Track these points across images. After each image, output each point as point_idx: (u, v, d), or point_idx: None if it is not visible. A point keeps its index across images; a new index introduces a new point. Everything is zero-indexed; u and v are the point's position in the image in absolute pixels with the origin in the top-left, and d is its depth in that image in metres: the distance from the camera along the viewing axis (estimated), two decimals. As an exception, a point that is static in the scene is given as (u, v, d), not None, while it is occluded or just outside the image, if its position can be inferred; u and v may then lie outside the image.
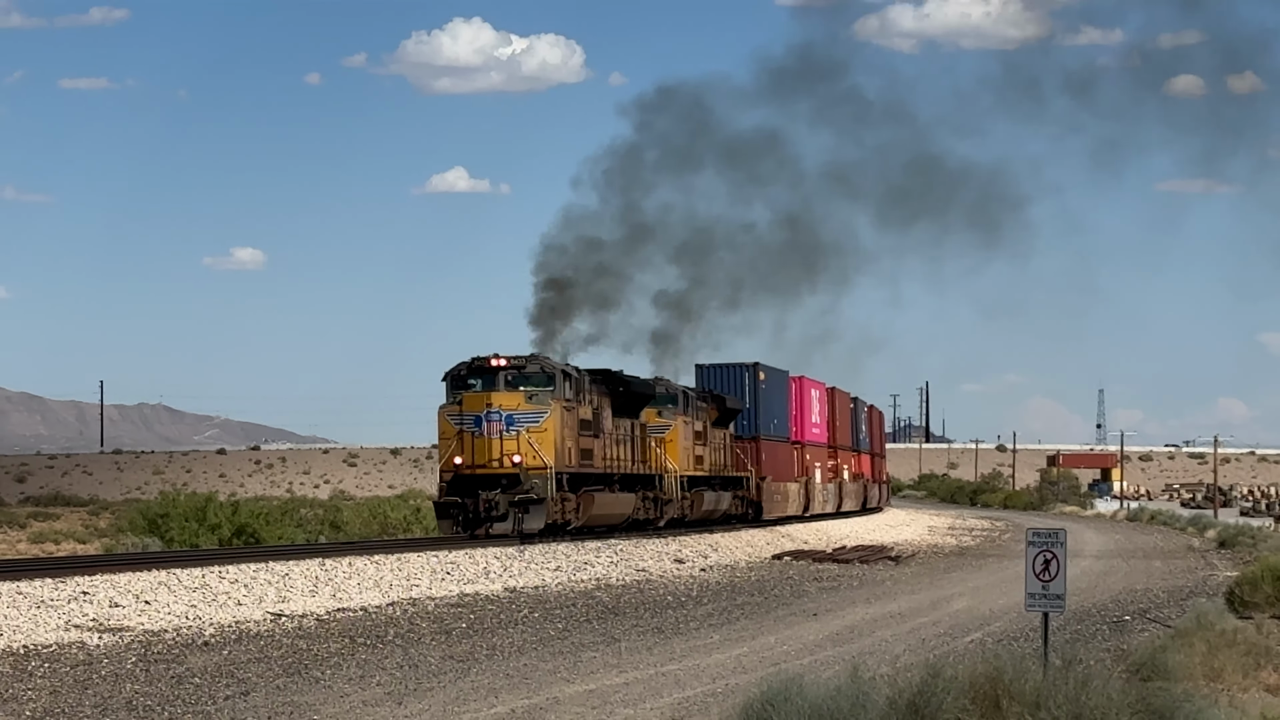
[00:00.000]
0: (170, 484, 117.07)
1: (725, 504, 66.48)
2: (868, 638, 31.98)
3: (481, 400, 49.81)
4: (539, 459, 49.12)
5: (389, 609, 35.83)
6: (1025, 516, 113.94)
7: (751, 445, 70.35)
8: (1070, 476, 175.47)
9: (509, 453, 49.08)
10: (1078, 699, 13.49)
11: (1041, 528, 20.34)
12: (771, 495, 71.70)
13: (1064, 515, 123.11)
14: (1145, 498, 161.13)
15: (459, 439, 49.85)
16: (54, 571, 36.12)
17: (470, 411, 49.82)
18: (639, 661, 27.88)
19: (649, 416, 60.03)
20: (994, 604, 39.86)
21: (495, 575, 43.30)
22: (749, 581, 47.91)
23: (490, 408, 49.54)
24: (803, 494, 77.99)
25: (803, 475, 78.43)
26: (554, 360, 52.89)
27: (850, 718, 13.89)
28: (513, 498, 48.92)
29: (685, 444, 61.71)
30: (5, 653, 26.86)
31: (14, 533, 71.81)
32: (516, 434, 49.27)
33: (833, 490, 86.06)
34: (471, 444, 49.57)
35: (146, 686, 24.03)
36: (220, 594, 34.89)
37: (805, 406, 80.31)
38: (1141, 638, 31.12)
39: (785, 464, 75.28)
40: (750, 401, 71.14)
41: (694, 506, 62.56)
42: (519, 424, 49.37)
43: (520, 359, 50.86)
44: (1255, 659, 27.11)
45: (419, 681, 25.00)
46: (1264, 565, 42.86)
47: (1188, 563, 61.10)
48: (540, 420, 49.53)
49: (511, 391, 49.98)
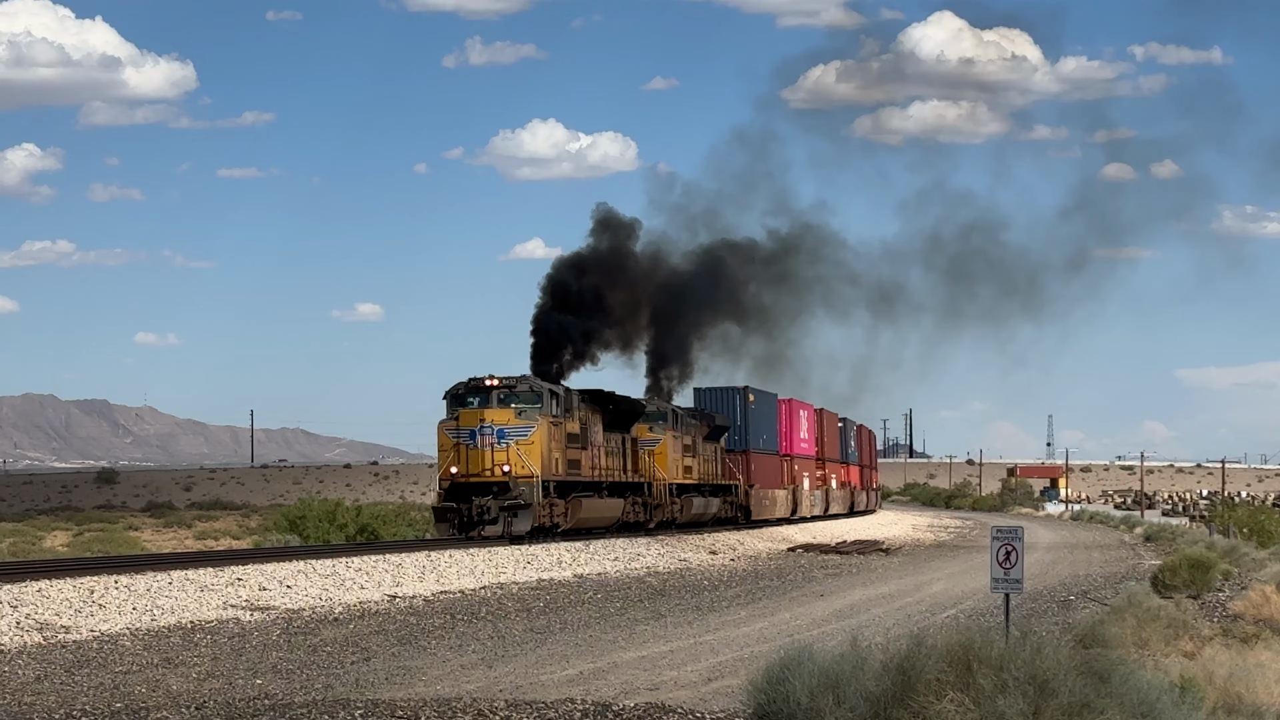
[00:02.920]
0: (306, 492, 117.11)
1: (714, 508, 64.23)
2: (864, 614, 31.92)
3: (476, 416, 46.54)
4: (527, 468, 45.99)
5: (481, 591, 35.87)
6: (990, 517, 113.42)
7: (742, 457, 68.04)
8: (1025, 485, 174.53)
9: (499, 463, 45.88)
10: (1033, 663, 13.43)
11: (1003, 526, 20.28)
12: (760, 500, 69.53)
13: (1021, 516, 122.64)
14: (1086, 502, 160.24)
15: (455, 450, 46.59)
16: (214, 562, 36.25)
17: (466, 426, 46.54)
18: (681, 633, 27.86)
19: (640, 431, 57.33)
20: (965, 586, 39.76)
21: (566, 565, 43.26)
22: (769, 569, 47.84)
23: (483, 423, 46.30)
24: (790, 499, 75.85)
25: (790, 483, 76.21)
26: (542, 381, 49.47)
27: (851, 678, 13.84)
28: (503, 503, 45.69)
29: (674, 455, 59.21)
30: (176, 627, 26.97)
31: (182, 531, 71.98)
32: (507, 446, 46.00)
33: (820, 496, 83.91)
34: (466, 455, 46.33)
35: (288, 654, 24.08)
36: (347, 580, 34.98)
37: (794, 424, 78.04)
38: (1083, 614, 30.99)
39: (773, 473, 73.12)
40: (740, 419, 68.57)
41: (683, 510, 60.23)
42: (509, 437, 46.12)
43: (511, 379, 47.70)
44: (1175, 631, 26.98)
45: (505, 650, 25.00)
46: (1181, 555, 42.68)
47: (1120, 554, 60.90)
48: (528, 434, 46.32)
49: (503, 408, 46.71)
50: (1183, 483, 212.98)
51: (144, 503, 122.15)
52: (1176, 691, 15.11)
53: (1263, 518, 75.36)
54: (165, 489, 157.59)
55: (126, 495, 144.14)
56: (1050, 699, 13.14)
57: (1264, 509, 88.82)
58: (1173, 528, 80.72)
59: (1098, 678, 13.60)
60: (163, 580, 31.44)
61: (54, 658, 22.86)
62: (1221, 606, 34.08)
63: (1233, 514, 79.34)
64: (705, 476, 62.93)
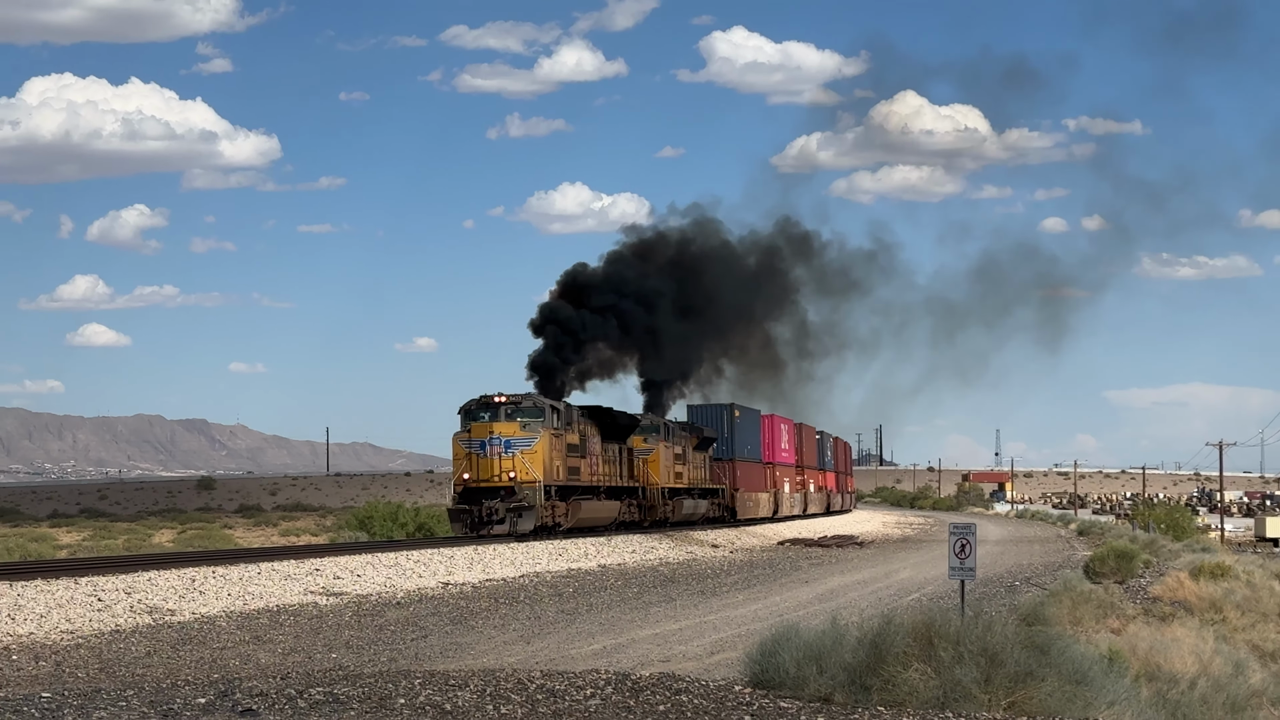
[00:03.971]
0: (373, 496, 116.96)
1: (703, 509, 62.83)
2: (842, 597, 31.86)
3: (485, 428, 44.74)
4: (530, 475, 44.42)
5: (520, 579, 35.84)
6: (948, 515, 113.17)
7: (729, 465, 66.71)
8: (977, 488, 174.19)
9: (506, 470, 44.30)
10: (984, 638, 13.41)
11: (958, 523, 20.26)
12: (745, 502, 68.23)
13: (974, 514, 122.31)
14: (1028, 502, 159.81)
15: (468, 459, 44.87)
16: (296, 556, 36.27)
17: (477, 438, 44.73)
18: (688, 614, 27.82)
19: (636, 442, 55.45)
20: (927, 574, 39.67)
21: (592, 556, 43.20)
22: (762, 560, 47.75)
23: (492, 434, 44.54)
24: (772, 501, 74.59)
25: (772, 487, 74.99)
26: (544, 398, 47.47)
27: (831, 651, 13.82)
28: (509, 505, 44.19)
29: (666, 463, 57.74)
30: (264, 610, 26.98)
31: (269, 529, 71.99)
32: (513, 455, 44.36)
33: (799, 498, 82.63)
34: (477, 463, 44.65)
35: (358, 632, 24.09)
36: (407, 570, 34.98)
37: (775, 436, 76.52)
38: (1027, 597, 30.92)
39: (757, 479, 71.80)
40: (727, 432, 67.02)
41: (675, 511, 58.86)
42: (515, 447, 44.41)
43: (518, 396, 45.76)
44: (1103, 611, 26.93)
45: (541, 628, 24.98)
46: (1109, 548, 42.64)
47: (1057, 546, 60.71)
48: (532, 444, 44.55)
49: (510, 422, 44.81)
50: (1110, 486, 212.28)
51: (236, 505, 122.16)
52: (1105, 662, 15.09)
53: (1177, 516, 75.30)
54: (254, 494, 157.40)
55: (222, 499, 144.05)
56: (999, 668, 13.12)
57: (1178, 508, 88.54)
58: (1101, 524, 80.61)
59: (1039, 650, 13.58)
60: (253, 570, 31.47)
61: (161, 636, 22.89)
62: (1143, 590, 34.00)
63: (1152, 513, 79.17)
64: (695, 481, 61.72)
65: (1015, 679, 13.07)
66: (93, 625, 23.56)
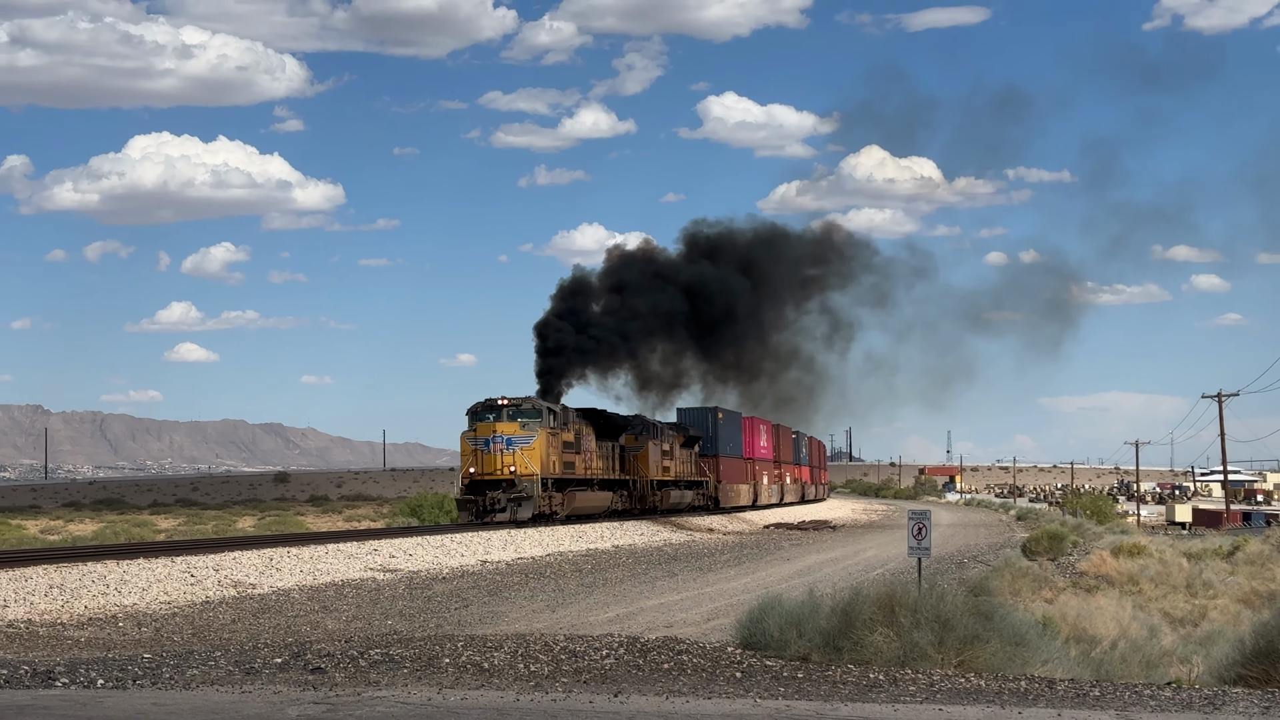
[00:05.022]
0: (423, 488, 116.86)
1: (689, 499, 60.88)
2: (818, 572, 31.81)
3: (489, 428, 43.05)
4: (529, 469, 42.90)
5: (546, 558, 35.81)
6: (907, 503, 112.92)
7: (713, 460, 64.67)
8: (932, 480, 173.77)
9: (507, 464, 42.76)
10: (938, 607, 13.37)
11: (916, 510, 20.22)
12: (727, 492, 66.40)
13: (929, 502, 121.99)
14: (975, 492, 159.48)
15: (474, 455, 43.23)
16: (357, 538, 36.27)
17: (481, 436, 43.08)
18: (688, 587, 27.79)
19: (628, 440, 53.37)
20: (890, 553, 39.59)
21: (606, 539, 43.13)
22: (750, 542, 47.66)
23: (495, 433, 42.85)
24: (752, 491, 72.67)
25: (752, 479, 73.01)
26: (543, 400, 45.35)
27: (809, 617, 13.78)
28: (510, 495, 42.69)
29: (655, 459, 55.81)
30: (331, 584, 26.98)
31: (335, 516, 71.94)
32: (513, 452, 42.77)
33: (776, 489, 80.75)
34: (481, 458, 43.03)
35: (410, 603, 24.07)
36: (452, 550, 34.94)
37: (755, 435, 74.79)
38: (974, 571, 30.88)
39: (738, 472, 69.95)
40: (711, 431, 65.00)
41: (663, 500, 56.82)
42: (515, 444, 42.76)
43: (518, 399, 43.91)
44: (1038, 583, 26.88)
45: (563, 599, 24.95)
46: (1043, 530, 42.57)
47: (999, 529, 60.60)
48: (530, 441, 42.88)
49: (511, 422, 43.17)
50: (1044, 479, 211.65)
51: (307, 496, 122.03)
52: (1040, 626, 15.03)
53: (1100, 503, 75.08)
54: (323, 486, 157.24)
55: (295, 491, 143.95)
56: (951, 632, 13.08)
57: (1101, 497, 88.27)
58: (1036, 511, 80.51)
59: (984, 617, 13.54)
60: (321, 551, 31.46)
61: (244, 606, 22.89)
62: (1071, 566, 33.91)
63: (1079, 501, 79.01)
64: (681, 474, 59.93)
65: (964, 641, 13.04)
66: (186, 597, 23.56)
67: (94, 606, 21.67)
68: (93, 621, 20.27)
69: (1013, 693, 11.36)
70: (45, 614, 20.56)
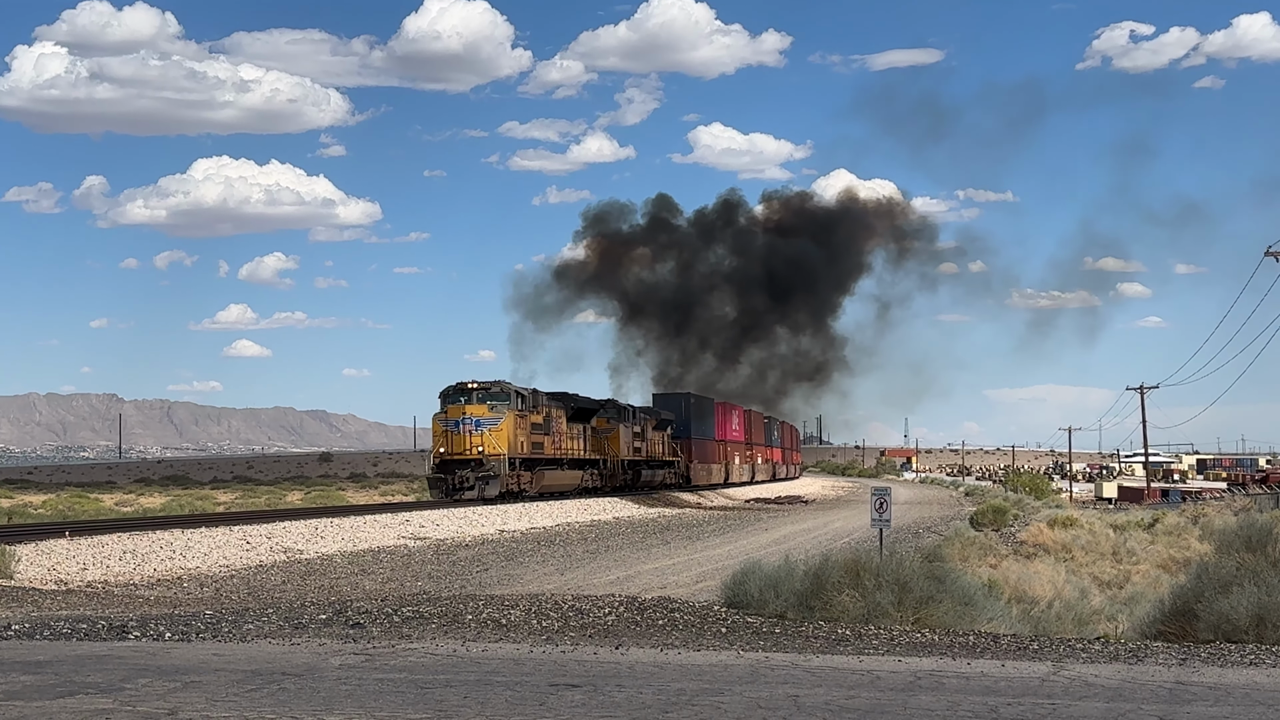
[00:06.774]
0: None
1: (660, 477, 56.91)
2: (792, 541, 31.80)
3: (459, 410, 40.07)
4: (496, 449, 39.91)
5: (555, 528, 35.81)
6: (870, 481, 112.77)
7: (685, 441, 61.72)
8: (891, 462, 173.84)
9: (475, 445, 39.85)
10: (898, 571, 13.37)
11: (878, 487, 20.22)
12: (699, 471, 63.35)
13: (889, 480, 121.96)
14: (928, 472, 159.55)
15: (444, 435, 40.42)
16: (391, 510, 36.26)
17: (452, 417, 40.17)
18: (679, 553, 27.78)
19: (599, 422, 50.05)
20: (855, 524, 39.58)
21: (608, 511, 43.11)
22: (733, 514, 47.64)
23: (464, 415, 39.91)
24: (724, 471, 69.72)
25: (723, 460, 70.01)
26: (511, 383, 41.69)
27: (785, 580, 13.77)
28: (478, 474, 39.78)
29: (626, 440, 52.09)
30: (369, 550, 26.97)
31: (372, 491, 71.76)
32: (481, 432, 39.83)
33: (747, 469, 77.49)
34: (451, 439, 40.16)
35: (436, 566, 24.06)
36: (473, 521, 34.92)
37: (728, 419, 72.11)
38: (928, 541, 30.86)
39: (711, 453, 66.90)
40: (685, 415, 62.01)
41: (634, 479, 53.17)
42: (483, 426, 39.80)
43: (488, 383, 40.63)
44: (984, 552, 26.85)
45: (571, 564, 24.95)
46: (988, 505, 42.52)
47: (950, 504, 60.57)
48: (498, 423, 39.93)
49: (479, 404, 40.10)
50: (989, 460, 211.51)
51: (348, 474, 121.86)
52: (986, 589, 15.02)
53: (1037, 482, 75.04)
54: (362, 465, 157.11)
55: (337, 469, 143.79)
56: (908, 594, 13.07)
57: (1038, 476, 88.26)
58: (983, 488, 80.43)
59: (937, 580, 13.53)
60: (359, 521, 31.45)
61: (293, 569, 22.88)
62: (1013, 536, 33.87)
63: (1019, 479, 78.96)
64: (653, 455, 56.73)
65: (920, 601, 13.03)
66: (242, 561, 23.54)
67: (162, 569, 21.66)
68: (161, 582, 20.26)
69: (962, 646, 11.36)
70: (119, 575, 20.54)
